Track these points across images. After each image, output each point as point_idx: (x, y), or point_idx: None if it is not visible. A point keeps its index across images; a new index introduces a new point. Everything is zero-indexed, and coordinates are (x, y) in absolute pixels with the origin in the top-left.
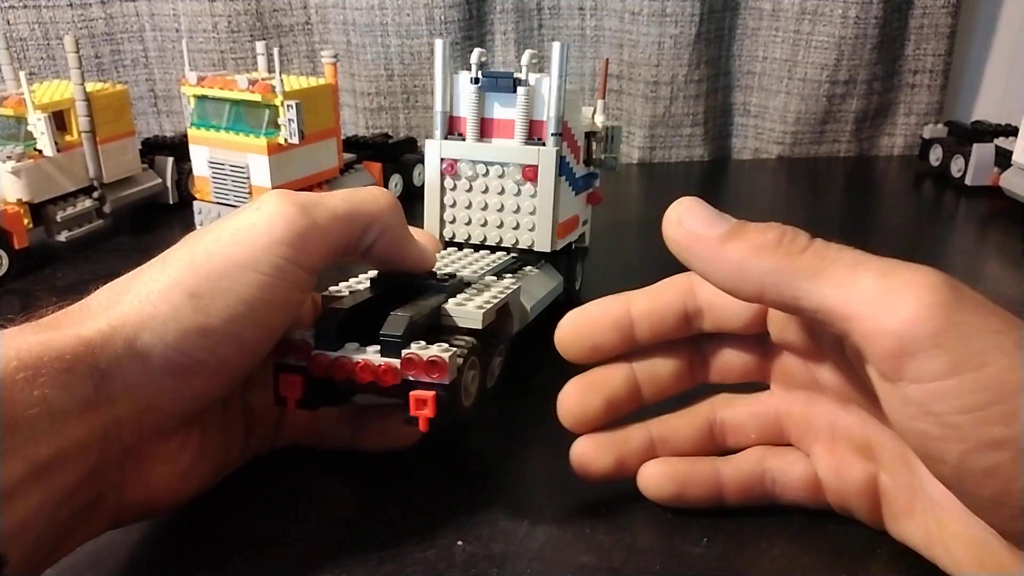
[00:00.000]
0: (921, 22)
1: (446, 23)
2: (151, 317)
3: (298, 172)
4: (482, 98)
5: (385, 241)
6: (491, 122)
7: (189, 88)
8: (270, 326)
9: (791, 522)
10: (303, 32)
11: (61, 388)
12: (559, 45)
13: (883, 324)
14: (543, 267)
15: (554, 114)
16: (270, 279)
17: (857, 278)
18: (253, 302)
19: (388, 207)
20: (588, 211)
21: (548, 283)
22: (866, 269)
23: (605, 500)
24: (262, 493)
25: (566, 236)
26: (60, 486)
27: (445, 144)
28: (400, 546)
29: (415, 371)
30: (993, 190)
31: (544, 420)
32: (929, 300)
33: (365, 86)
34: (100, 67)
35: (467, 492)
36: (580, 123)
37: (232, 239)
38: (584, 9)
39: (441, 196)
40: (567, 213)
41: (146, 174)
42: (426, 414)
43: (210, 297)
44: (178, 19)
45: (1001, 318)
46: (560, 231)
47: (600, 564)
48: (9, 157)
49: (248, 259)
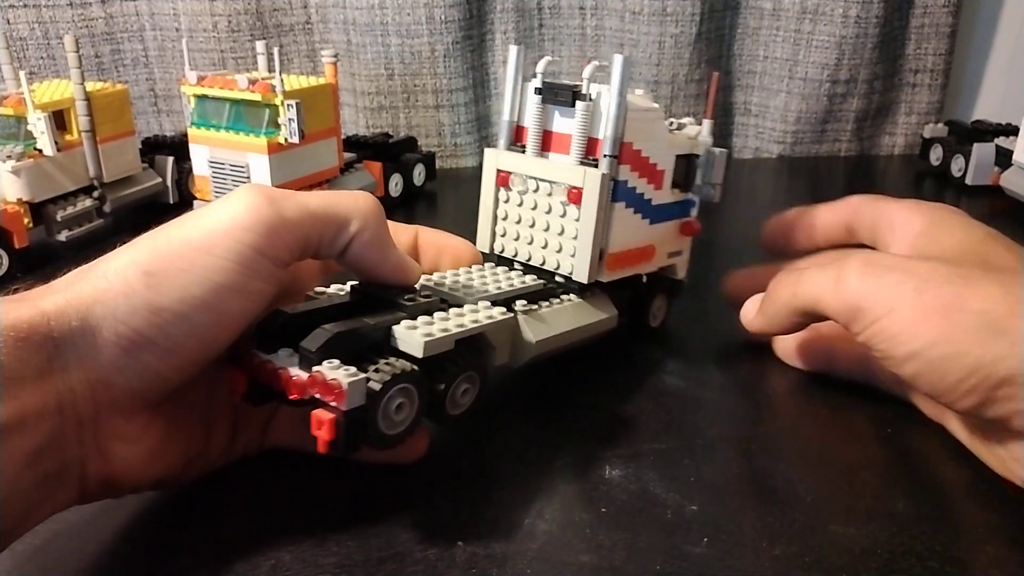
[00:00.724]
0: (922, 21)
1: (446, 22)
2: (105, 292)
3: (298, 171)
4: (546, 109)
5: (361, 244)
6: (551, 135)
7: (189, 87)
8: (226, 312)
9: (791, 522)
10: (303, 31)
11: (15, 356)
12: (620, 58)
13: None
14: (592, 297)
15: (611, 133)
16: (228, 264)
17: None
18: (208, 284)
19: (367, 210)
20: (683, 242)
21: (584, 316)
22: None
23: (605, 499)
24: (262, 493)
25: (623, 268)
26: (20, 450)
27: (501, 154)
28: (400, 546)
29: (317, 390)
30: (994, 190)
31: (544, 420)
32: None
33: (365, 85)
34: (100, 66)
35: (467, 492)
36: (661, 144)
37: (196, 224)
38: (584, 8)
39: (495, 208)
40: (628, 243)
41: (146, 173)
42: (323, 436)
43: (163, 276)
44: (178, 18)
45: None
46: (613, 262)
47: (600, 564)
48: (9, 156)
49: (207, 243)
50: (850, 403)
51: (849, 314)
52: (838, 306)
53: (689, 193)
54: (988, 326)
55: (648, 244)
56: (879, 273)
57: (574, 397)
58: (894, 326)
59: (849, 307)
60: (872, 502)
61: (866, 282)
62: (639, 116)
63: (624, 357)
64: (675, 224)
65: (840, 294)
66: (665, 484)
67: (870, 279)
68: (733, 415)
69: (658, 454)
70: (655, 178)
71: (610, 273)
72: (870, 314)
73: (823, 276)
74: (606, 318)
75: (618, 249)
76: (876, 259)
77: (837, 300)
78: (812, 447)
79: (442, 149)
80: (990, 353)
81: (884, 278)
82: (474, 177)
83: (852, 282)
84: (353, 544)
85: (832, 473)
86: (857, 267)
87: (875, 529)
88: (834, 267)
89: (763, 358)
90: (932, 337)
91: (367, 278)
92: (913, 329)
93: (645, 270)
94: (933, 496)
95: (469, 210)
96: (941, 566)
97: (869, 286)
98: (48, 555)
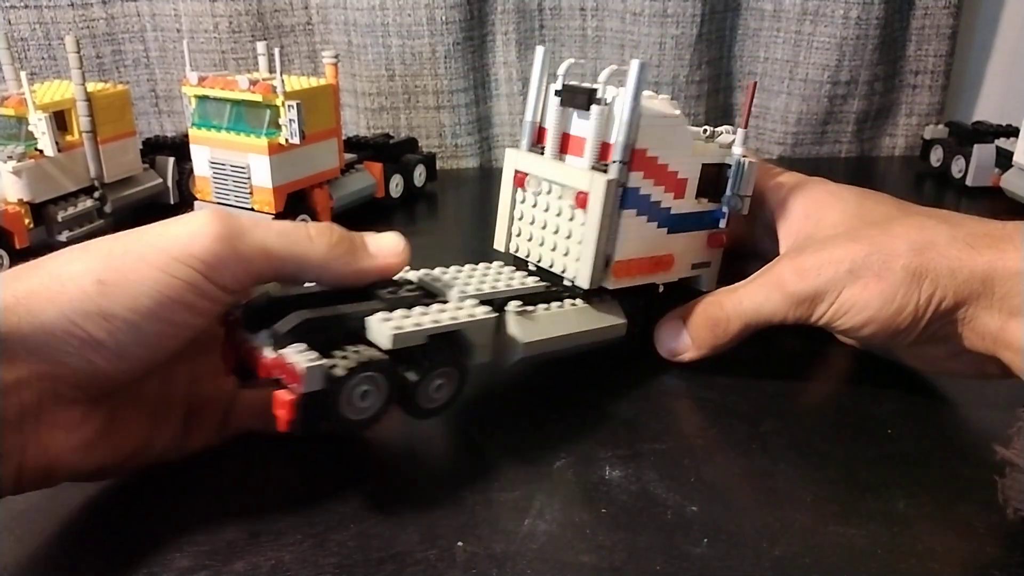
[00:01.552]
0: (922, 23)
1: (447, 23)
2: (58, 293)
3: (299, 172)
4: (565, 112)
5: (329, 277)
6: (570, 138)
7: (190, 88)
8: (175, 323)
9: (792, 522)
10: (304, 32)
11: None
12: (636, 63)
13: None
14: (600, 303)
15: (622, 139)
16: (179, 283)
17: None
18: (158, 298)
19: (324, 252)
20: (711, 254)
21: (585, 321)
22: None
23: (606, 500)
24: (261, 492)
25: (633, 277)
26: None
27: (520, 155)
28: (400, 546)
29: (280, 372)
30: (994, 191)
31: (544, 420)
32: None
33: (366, 86)
34: (101, 67)
35: (467, 492)
36: (682, 151)
37: (151, 241)
38: (585, 10)
39: (511, 208)
40: (639, 251)
41: (147, 174)
42: (282, 415)
43: (115, 285)
44: (179, 19)
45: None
46: (620, 270)
47: (601, 564)
48: (10, 157)
49: (159, 262)
50: (850, 403)
51: (802, 311)
52: (788, 309)
53: (719, 203)
54: (912, 275)
55: (665, 254)
56: (811, 270)
57: (574, 397)
58: (846, 304)
59: (800, 304)
60: (872, 502)
61: (807, 282)
62: (656, 123)
63: (624, 357)
64: (701, 235)
65: (789, 300)
66: (665, 484)
67: (809, 279)
68: (733, 415)
69: (658, 454)
70: (675, 186)
71: (617, 280)
72: (823, 304)
73: (764, 290)
74: (611, 325)
75: (626, 257)
76: (801, 261)
77: (787, 305)
78: (812, 447)
79: (443, 150)
80: (923, 295)
81: (821, 272)
82: (475, 178)
83: (795, 286)
84: (353, 544)
85: (832, 473)
86: (791, 272)
87: (875, 529)
88: (769, 280)
89: (763, 358)
90: (878, 301)
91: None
92: (863, 301)
93: (663, 280)
94: (933, 496)
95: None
96: (941, 566)
97: (811, 284)
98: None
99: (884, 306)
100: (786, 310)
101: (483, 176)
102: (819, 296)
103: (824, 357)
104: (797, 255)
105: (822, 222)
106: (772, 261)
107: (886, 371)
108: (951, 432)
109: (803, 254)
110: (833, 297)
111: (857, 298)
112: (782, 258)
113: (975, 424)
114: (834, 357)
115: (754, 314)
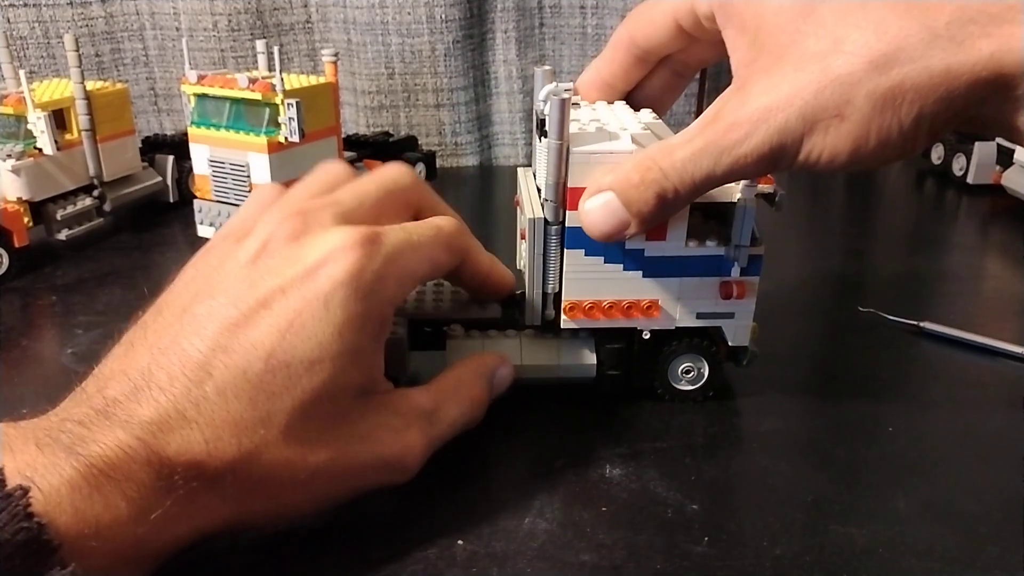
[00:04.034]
0: None
1: (447, 21)
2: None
3: (298, 170)
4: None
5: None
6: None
7: (189, 87)
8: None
9: (792, 522)
10: (303, 31)
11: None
12: (557, 101)
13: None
14: (570, 341)
15: (548, 179)
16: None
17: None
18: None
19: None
20: (730, 305)
21: (536, 356)
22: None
23: (606, 498)
24: None
25: (592, 319)
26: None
27: (526, 174)
28: (400, 546)
29: None
30: (995, 188)
31: (544, 419)
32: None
33: (366, 84)
34: (100, 65)
35: (468, 491)
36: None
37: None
38: (585, 8)
39: (518, 227)
40: (596, 293)
41: (146, 172)
42: None
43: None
44: (178, 18)
45: None
46: (573, 310)
47: (601, 563)
48: (9, 155)
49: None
50: (850, 402)
51: (762, 168)
52: (743, 169)
53: (724, 247)
54: (883, 101)
55: (643, 299)
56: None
57: (574, 396)
58: (813, 154)
59: (756, 163)
60: (872, 502)
61: (756, 138)
62: (601, 160)
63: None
64: (707, 282)
65: (738, 161)
66: (666, 483)
67: (758, 134)
68: (733, 414)
69: (658, 453)
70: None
71: (573, 320)
72: (784, 158)
73: (709, 154)
74: (570, 365)
75: (578, 298)
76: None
77: (739, 166)
78: (812, 446)
79: (442, 148)
80: (907, 120)
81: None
82: (475, 176)
83: (742, 147)
84: (353, 544)
85: (832, 473)
86: (731, 128)
87: (875, 529)
88: (712, 137)
89: (763, 356)
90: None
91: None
92: (831, 148)
93: (645, 327)
94: (933, 495)
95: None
96: (941, 566)
97: (760, 140)
98: None
99: (859, 148)
100: (741, 170)
101: (483, 174)
102: (775, 151)
103: (824, 356)
104: (738, 96)
105: (761, 31)
106: (715, 103)
107: (886, 371)
108: (951, 432)
109: (745, 95)
110: (794, 148)
111: (823, 146)
112: (723, 102)
113: (975, 424)
114: (834, 355)
115: (704, 179)
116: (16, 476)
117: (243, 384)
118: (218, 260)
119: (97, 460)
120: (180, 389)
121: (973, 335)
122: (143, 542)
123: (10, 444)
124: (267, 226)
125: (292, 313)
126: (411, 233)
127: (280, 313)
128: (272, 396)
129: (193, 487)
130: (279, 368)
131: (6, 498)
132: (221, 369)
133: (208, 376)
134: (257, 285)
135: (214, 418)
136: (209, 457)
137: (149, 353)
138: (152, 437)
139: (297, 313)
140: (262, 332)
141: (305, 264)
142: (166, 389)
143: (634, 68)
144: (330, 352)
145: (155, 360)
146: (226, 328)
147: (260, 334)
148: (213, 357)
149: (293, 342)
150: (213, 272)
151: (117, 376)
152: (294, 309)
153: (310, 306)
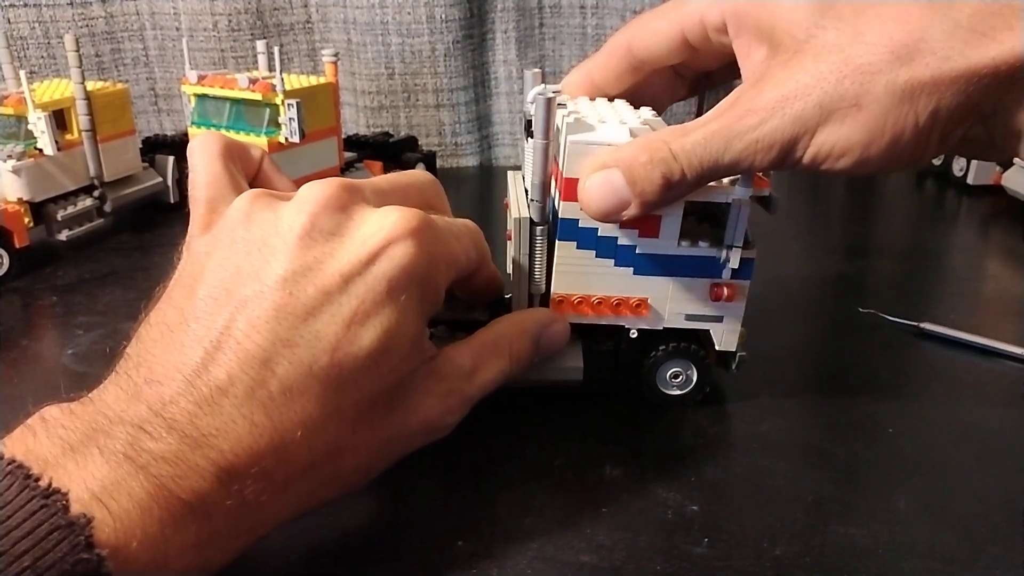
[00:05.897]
0: None
1: (447, 21)
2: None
3: (299, 171)
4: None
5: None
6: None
7: (190, 87)
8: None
9: (792, 522)
10: (303, 31)
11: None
12: (542, 100)
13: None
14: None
15: (533, 179)
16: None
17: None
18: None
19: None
20: (719, 307)
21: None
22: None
23: (606, 499)
24: None
25: (580, 315)
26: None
27: (516, 177)
28: (400, 546)
29: None
30: (995, 189)
31: (544, 419)
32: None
33: (366, 85)
34: (100, 66)
35: (467, 491)
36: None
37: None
38: (585, 8)
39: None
40: (587, 288)
41: (147, 173)
42: None
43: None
44: (178, 18)
45: None
46: (561, 305)
47: (601, 563)
48: (10, 156)
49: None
50: (851, 402)
51: (772, 158)
52: (753, 157)
53: (717, 248)
54: (902, 94)
55: (632, 297)
56: (771, 109)
57: (574, 396)
58: (825, 146)
59: (766, 151)
60: (872, 502)
61: (770, 124)
62: (597, 150)
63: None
64: (698, 283)
65: (751, 147)
66: (666, 483)
67: (772, 121)
68: (733, 415)
69: (658, 453)
70: (642, 224)
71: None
72: (796, 150)
73: (720, 138)
74: (558, 368)
75: (567, 292)
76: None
77: (750, 153)
78: (813, 446)
79: (443, 148)
80: (923, 115)
81: (786, 109)
82: (475, 176)
83: (756, 132)
84: (354, 544)
85: (832, 473)
86: (748, 113)
87: (875, 529)
88: (726, 124)
89: (763, 356)
90: (863, 136)
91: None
92: (844, 140)
93: (633, 325)
94: (933, 495)
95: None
96: (942, 566)
97: (774, 127)
98: None
99: (873, 141)
100: (751, 158)
101: (483, 174)
102: (788, 141)
103: (824, 356)
104: (756, 87)
105: (777, 30)
106: (731, 95)
107: (886, 371)
108: (951, 432)
109: (762, 85)
110: (807, 140)
111: (837, 137)
112: (740, 92)
113: (975, 424)
114: (834, 355)
115: (712, 165)
116: (85, 493)
117: (310, 381)
118: (261, 232)
119: (168, 480)
120: (243, 390)
121: (973, 336)
122: (208, 562)
123: (69, 442)
124: (310, 193)
125: (356, 301)
126: (450, 224)
127: (344, 302)
128: (340, 390)
129: (263, 500)
130: (346, 361)
131: (68, 527)
132: (285, 365)
133: (272, 374)
134: (313, 269)
135: (282, 421)
136: (279, 464)
137: (200, 345)
138: (219, 455)
139: (361, 301)
140: (324, 323)
141: (366, 247)
142: (227, 391)
143: (627, 75)
144: (395, 341)
145: (208, 354)
146: (284, 317)
147: (323, 325)
148: (275, 352)
149: (359, 332)
150: (255, 247)
151: (169, 370)
152: (358, 297)
153: (373, 294)
